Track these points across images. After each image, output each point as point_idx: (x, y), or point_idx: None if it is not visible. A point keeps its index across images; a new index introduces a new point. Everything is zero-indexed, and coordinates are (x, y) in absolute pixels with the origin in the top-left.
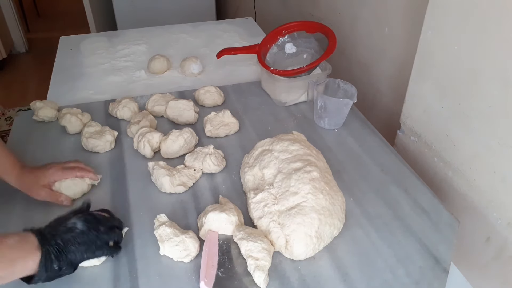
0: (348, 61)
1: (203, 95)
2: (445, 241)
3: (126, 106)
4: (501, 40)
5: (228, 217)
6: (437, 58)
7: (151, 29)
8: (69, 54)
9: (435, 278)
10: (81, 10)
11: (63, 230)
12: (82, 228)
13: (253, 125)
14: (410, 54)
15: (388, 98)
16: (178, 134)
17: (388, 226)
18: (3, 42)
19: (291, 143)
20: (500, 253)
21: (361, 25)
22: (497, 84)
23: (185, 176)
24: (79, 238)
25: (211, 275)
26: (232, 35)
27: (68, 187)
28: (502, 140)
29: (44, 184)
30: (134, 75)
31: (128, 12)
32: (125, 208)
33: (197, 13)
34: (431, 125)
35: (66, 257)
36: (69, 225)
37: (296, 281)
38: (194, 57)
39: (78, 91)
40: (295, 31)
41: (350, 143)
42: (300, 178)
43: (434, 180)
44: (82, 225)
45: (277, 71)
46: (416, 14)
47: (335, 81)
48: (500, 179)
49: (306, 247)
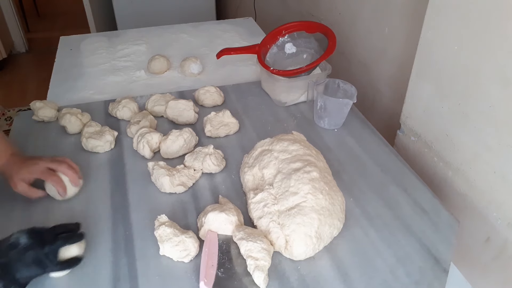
0: (348, 61)
1: (203, 95)
2: (445, 241)
3: (126, 106)
4: (501, 40)
5: (228, 217)
6: (437, 58)
7: (151, 29)
8: (69, 54)
9: (435, 278)
10: (81, 10)
11: (5, 246)
12: (26, 243)
13: (253, 125)
14: (410, 54)
15: (388, 98)
16: (178, 134)
17: (388, 226)
18: (3, 42)
19: (291, 143)
20: (500, 253)
21: (361, 25)
22: (497, 84)
23: (185, 176)
24: (23, 254)
25: (210, 275)
26: (232, 35)
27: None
28: (502, 140)
29: (23, 178)
30: (134, 75)
31: (128, 12)
32: (125, 208)
33: (197, 13)
34: (431, 125)
35: (12, 277)
36: (11, 240)
37: (295, 281)
38: (194, 57)
39: (78, 91)
40: (295, 31)
41: (350, 143)
42: (300, 178)
43: (434, 180)
44: (26, 239)
45: (277, 71)
46: (416, 14)
47: (335, 81)
48: (500, 179)
49: (306, 247)
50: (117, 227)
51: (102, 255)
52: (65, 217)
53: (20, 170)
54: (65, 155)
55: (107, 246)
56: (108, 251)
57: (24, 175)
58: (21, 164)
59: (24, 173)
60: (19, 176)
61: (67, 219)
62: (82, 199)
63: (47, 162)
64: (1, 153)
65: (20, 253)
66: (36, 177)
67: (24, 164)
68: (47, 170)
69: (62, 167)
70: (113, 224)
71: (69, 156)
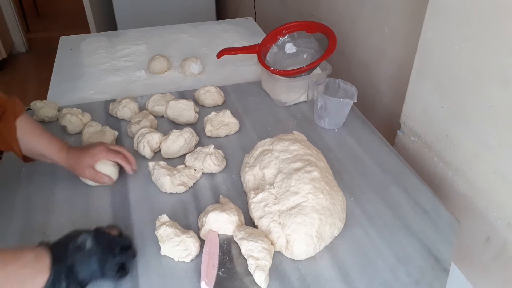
0: (348, 61)
1: (203, 95)
2: (445, 241)
3: (126, 106)
4: (501, 40)
5: (229, 217)
6: (437, 58)
7: (151, 29)
8: (69, 54)
9: (436, 278)
10: (81, 10)
11: (72, 248)
12: (91, 247)
13: (253, 125)
14: (410, 54)
15: (388, 98)
16: (179, 134)
17: (388, 226)
18: (3, 42)
19: (291, 143)
20: (500, 253)
21: (361, 25)
22: (497, 84)
23: (186, 176)
24: (88, 257)
25: (211, 275)
26: (232, 35)
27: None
28: (502, 140)
29: (88, 164)
30: (134, 75)
31: (128, 12)
32: (125, 208)
33: (197, 13)
34: (431, 125)
35: (76, 278)
36: (78, 242)
37: (296, 280)
38: (194, 57)
39: (78, 91)
40: (295, 31)
41: (350, 143)
42: (301, 178)
43: (434, 180)
44: (91, 243)
45: (277, 71)
46: (416, 14)
47: (335, 81)
48: (500, 179)
49: (307, 247)
50: None
51: None
52: (66, 217)
53: (84, 157)
54: None
55: None
56: None
57: (89, 161)
58: (82, 153)
59: (88, 159)
60: (85, 163)
61: (67, 219)
62: (83, 199)
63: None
64: (60, 149)
65: (86, 256)
66: (100, 159)
67: (85, 152)
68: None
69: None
70: (113, 224)
71: None
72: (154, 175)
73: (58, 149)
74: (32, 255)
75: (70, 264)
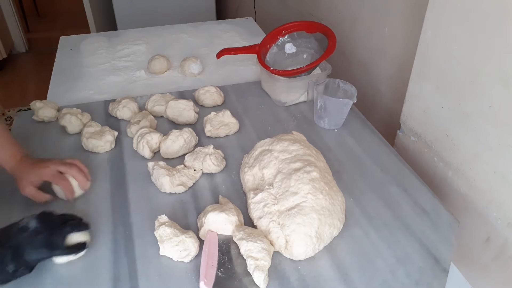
0: (348, 61)
1: (203, 95)
2: (445, 241)
3: (126, 106)
4: (501, 40)
5: (228, 217)
6: (437, 58)
7: (151, 29)
8: (69, 54)
9: (435, 278)
10: (81, 10)
11: (15, 231)
12: (36, 226)
13: (253, 125)
14: (410, 54)
15: (388, 98)
16: (178, 134)
17: (388, 226)
18: (3, 42)
19: (291, 143)
20: (500, 253)
21: (361, 25)
22: (497, 84)
23: (185, 176)
24: (33, 237)
25: (211, 275)
26: (232, 35)
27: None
28: (502, 140)
29: (32, 181)
30: (134, 75)
31: (128, 12)
32: (125, 208)
33: (197, 13)
34: (431, 125)
35: (22, 259)
36: (21, 224)
37: (296, 281)
38: (194, 57)
39: (78, 91)
40: (295, 31)
41: (350, 143)
42: (300, 178)
43: (434, 180)
44: (35, 223)
45: (277, 71)
46: (416, 14)
47: (335, 81)
48: (500, 179)
49: (306, 247)
50: (117, 227)
51: (102, 255)
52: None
53: (29, 173)
54: (65, 155)
55: (107, 246)
56: (108, 251)
57: (32, 178)
58: (31, 167)
59: (33, 176)
60: (28, 179)
61: None
62: (82, 199)
63: (57, 165)
64: (12, 156)
65: (30, 236)
66: (45, 180)
67: (33, 167)
68: (57, 173)
69: (73, 171)
70: (113, 224)
71: (69, 157)
72: (154, 175)
73: (10, 155)
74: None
75: (15, 246)
